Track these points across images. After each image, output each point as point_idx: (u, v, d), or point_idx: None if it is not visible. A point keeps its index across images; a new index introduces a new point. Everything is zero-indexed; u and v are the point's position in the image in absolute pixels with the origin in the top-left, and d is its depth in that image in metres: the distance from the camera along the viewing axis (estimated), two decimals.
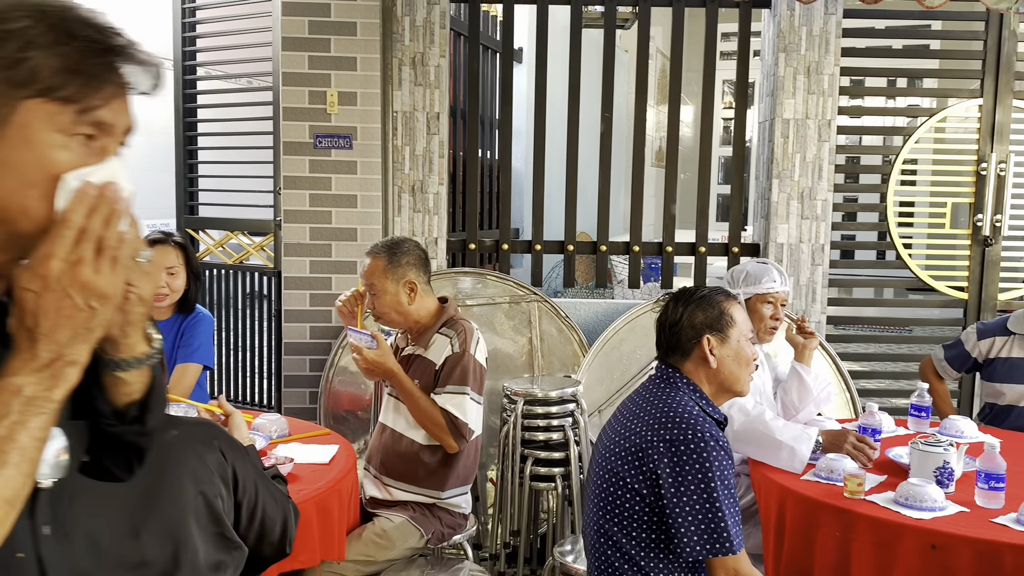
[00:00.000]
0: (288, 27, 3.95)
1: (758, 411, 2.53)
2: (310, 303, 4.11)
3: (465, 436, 2.59)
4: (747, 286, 2.87)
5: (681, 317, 2.02)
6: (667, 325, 2.04)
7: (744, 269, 2.92)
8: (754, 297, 2.86)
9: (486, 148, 5.39)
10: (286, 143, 4.03)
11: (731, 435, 2.51)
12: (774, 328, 2.88)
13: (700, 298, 2.04)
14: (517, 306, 3.99)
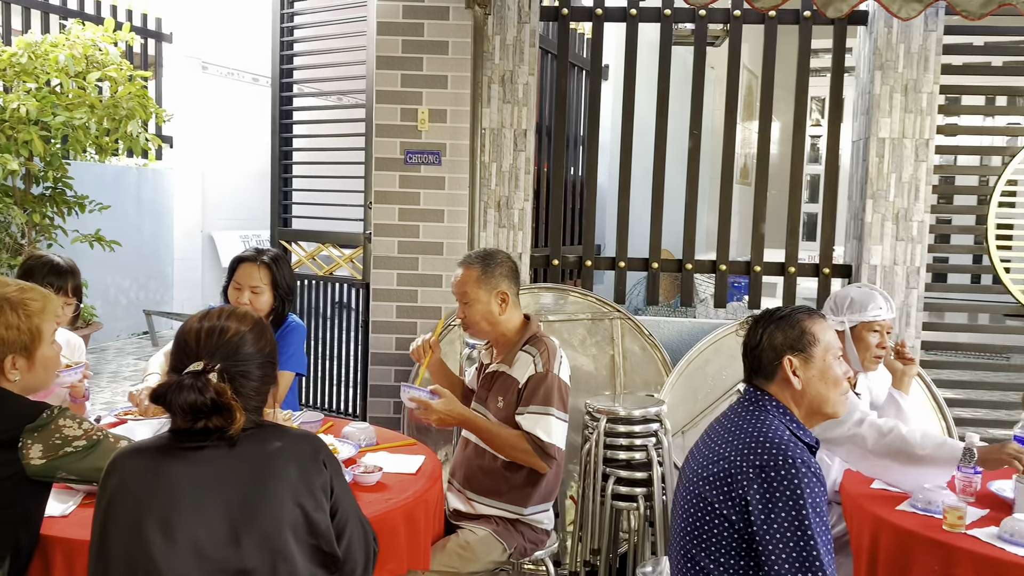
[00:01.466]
0: (382, 46, 4.05)
1: (891, 425, 2.44)
2: (397, 315, 4.19)
3: (552, 456, 2.59)
4: (852, 313, 2.79)
5: (761, 338, 1.99)
6: (749, 347, 2.02)
7: (848, 295, 2.84)
8: (860, 325, 2.78)
9: (569, 164, 5.41)
10: (378, 159, 4.13)
11: (857, 456, 2.44)
12: (879, 357, 2.80)
13: (780, 318, 2.01)
14: (599, 323, 3.98)
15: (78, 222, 6.13)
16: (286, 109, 4.88)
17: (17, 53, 5.49)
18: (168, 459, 1.60)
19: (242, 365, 1.66)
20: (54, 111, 5.44)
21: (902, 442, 2.39)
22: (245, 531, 1.56)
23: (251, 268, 2.96)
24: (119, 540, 1.56)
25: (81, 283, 2.87)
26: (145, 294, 8.34)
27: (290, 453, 1.65)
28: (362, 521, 1.78)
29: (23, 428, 1.73)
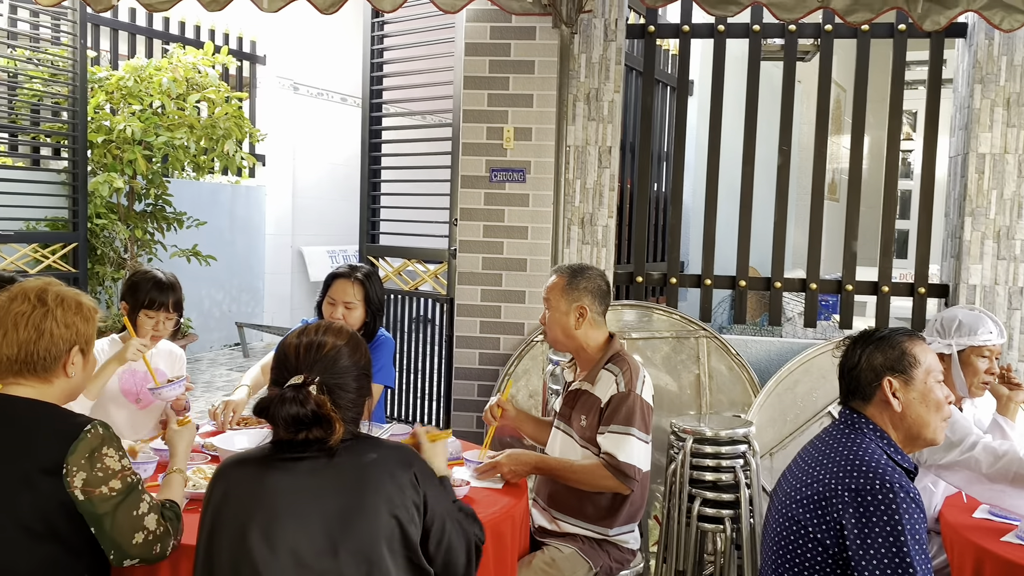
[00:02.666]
0: (470, 67, 4.13)
1: (1005, 448, 2.34)
2: (480, 330, 4.24)
3: (632, 476, 2.55)
4: (960, 336, 2.69)
5: (860, 359, 1.94)
6: (847, 368, 1.97)
7: (956, 317, 2.73)
8: (968, 349, 2.68)
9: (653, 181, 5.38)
10: (463, 176, 4.19)
11: (971, 480, 2.35)
12: (987, 383, 2.69)
13: (880, 339, 1.96)
14: (684, 341, 3.94)
15: (176, 237, 6.41)
16: (375, 128, 5.00)
17: (124, 77, 5.79)
18: (270, 469, 1.67)
19: (339, 378, 1.72)
20: (157, 132, 5.71)
21: (1020, 465, 2.28)
22: (342, 541, 1.61)
23: (345, 284, 3.04)
24: (224, 547, 1.62)
25: (182, 298, 2.99)
26: (237, 307, 8.63)
27: (385, 465, 1.70)
28: (460, 521, 1.81)
29: (67, 451, 1.72)
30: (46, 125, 5.46)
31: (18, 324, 1.82)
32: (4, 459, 1.73)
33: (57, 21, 5.17)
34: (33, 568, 1.72)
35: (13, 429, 1.78)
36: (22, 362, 1.83)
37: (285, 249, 9.10)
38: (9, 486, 1.71)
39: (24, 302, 1.84)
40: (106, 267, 5.79)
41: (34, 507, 1.71)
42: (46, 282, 1.91)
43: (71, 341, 1.86)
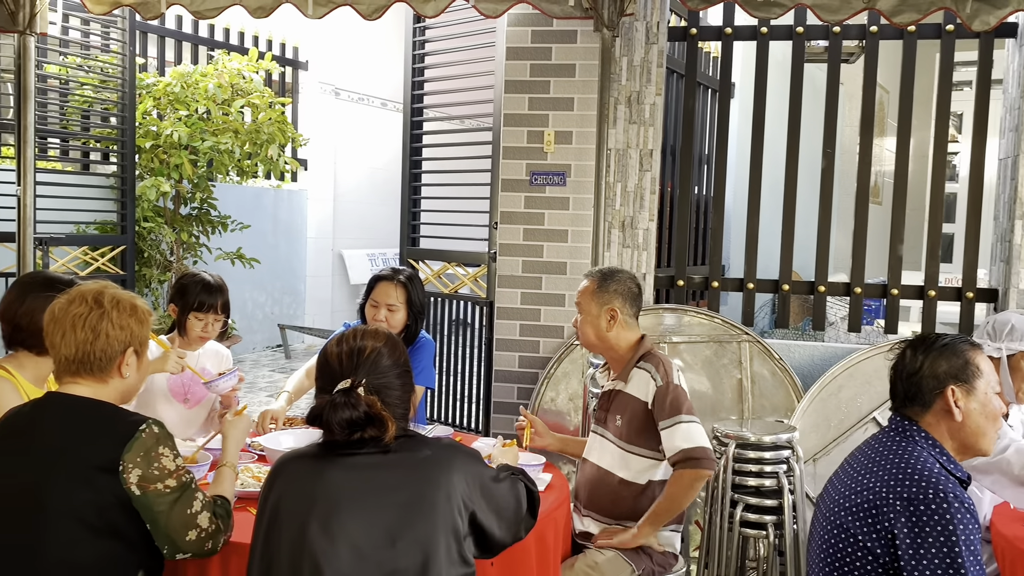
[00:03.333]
0: (511, 71, 4.14)
1: None
2: (520, 333, 4.25)
3: (703, 456, 2.53)
4: (1012, 341, 2.63)
5: (922, 366, 1.90)
6: (905, 374, 1.93)
7: (1008, 321, 2.68)
8: (1019, 354, 2.63)
9: (694, 184, 5.35)
10: (504, 180, 4.21)
11: (1004, 484, 2.31)
12: None
13: (943, 346, 1.91)
14: (726, 346, 3.91)
15: (221, 240, 6.51)
16: (416, 133, 5.05)
17: (171, 83, 5.91)
18: (328, 465, 1.72)
19: (383, 378, 1.78)
20: (202, 136, 5.82)
21: None
22: (400, 533, 1.66)
23: (388, 287, 3.08)
24: (284, 539, 1.67)
25: (229, 300, 3.04)
26: (280, 309, 8.74)
27: (439, 461, 1.75)
28: (516, 501, 1.89)
29: (123, 449, 1.77)
30: (96, 131, 5.59)
31: (76, 325, 1.87)
32: (64, 456, 1.78)
33: (107, 29, 5.29)
34: (92, 562, 1.77)
35: (72, 427, 1.83)
36: (79, 362, 1.88)
37: (326, 252, 9.20)
38: (69, 483, 1.76)
39: (82, 304, 1.89)
40: (153, 269, 5.91)
41: (93, 503, 1.76)
42: (103, 285, 1.96)
43: (126, 342, 1.91)
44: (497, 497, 1.83)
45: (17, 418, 1.90)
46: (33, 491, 1.77)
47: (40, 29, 3.95)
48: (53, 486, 1.76)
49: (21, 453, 1.82)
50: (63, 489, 1.76)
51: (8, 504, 1.80)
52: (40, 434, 1.83)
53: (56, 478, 1.76)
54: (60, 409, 1.87)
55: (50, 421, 1.85)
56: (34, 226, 4.05)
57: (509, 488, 1.88)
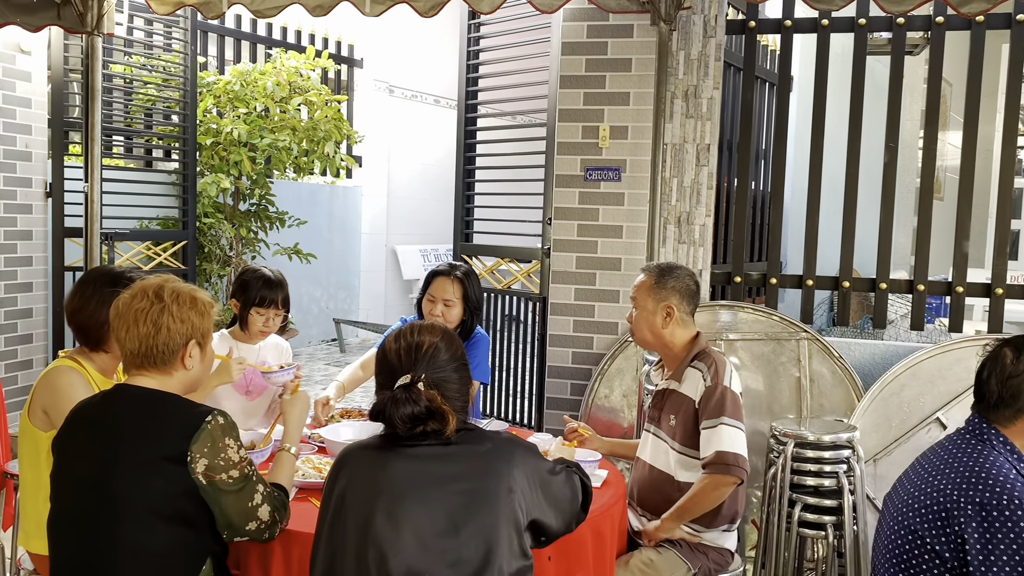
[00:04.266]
0: (566, 66, 4.13)
1: None
2: (573, 329, 4.24)
3: (734, 464, 2.50)
4: None
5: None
6: (1005, 375, 1.84)
7: None
8: None
9: (751, 179, 5.28)
10: (558, 176, 4.20)
11: None
12: None
13: None
14: (785, 343, 3.85)
15: (278, 236, 6.63)
16: (470, 129, 5.06)
17: (231, 81, 6.02)
18: (391, 456, 1.75)
19: (442, 372, 1.81)
20: (261, 134, 5.92)
21: None
22: (463, 523, 1.69)
23: (445, 282, 3.10)
24: (349, 527, 1.70)
25: (289, 295, 3.09)
26: (335, 304, 8.87)
27: (500, 453, 1.78)
28: (572, 493, 1.91)
29: (190, 440, 1.81)
30: (159, 128, 5.73)
31: (138, 320, 1.92)
32: (135, 446, 1.84)
33: (170, 29, 5.42)
34: (163, 549, 1.82)
35: (141, 418, 1.88)
36: (143, 356, 1.93)
37: (380, 248, 9.30)
38: (140, 473, 1.81)
39: (143, 299, 1.94)
40: (213, 264, 6.03)
41: (163, 492, 1.81)
42: (164, 279, 2.00)
43: (187, 335, 1.95)
44: (554, 489, 1.86)
45: (88, 409, 1.96)
46: (105, 480, 1.82)
47: (107, 30, 4.06)
48: (124, 476, 1.81)
49: (93, 443, 1.87)
50: (134, 479, 1.81)
51: (82, 493, 1.86)
52: (111, 425, 1.89)
53: (127, 468, 1.82)
54: (129, 400, 1.92)
55: (120, 412, 1.90)
56: (100, 222, 4.17)
57: (565, 480, 1.90)
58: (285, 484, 2.10)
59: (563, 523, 1.89)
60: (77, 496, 1.87)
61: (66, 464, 1.91)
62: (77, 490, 1.87)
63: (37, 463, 2.35)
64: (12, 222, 4.67)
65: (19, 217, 4.71)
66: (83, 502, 1.85)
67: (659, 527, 2.61)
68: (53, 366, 2.38)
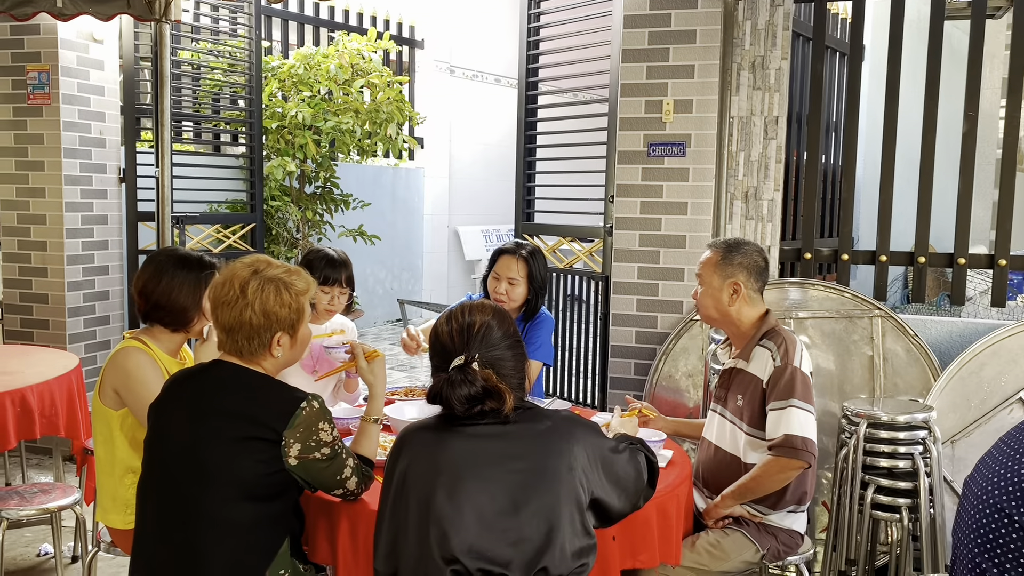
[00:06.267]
0: (628, 39, 4.05)
1: None
2: (637, 308, 4.19)
3: (802, 448, 2.45)
4: None
5: None
6: None
7: None
8: None
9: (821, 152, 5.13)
10: (620, 152, 4.14)
11: None
12: None
13: None
14: (857, 321, 3.74)
15: (343, 218, 6.70)
16: (531, 107, 5.02)
17: (295, 65, 6.09)
18: (450, 435, 1.75)
19: (495, 350, 1.80)
20: (325, 117, 5.98)
21: None
22: (524, 502, 1.68)
23: (510, 260, 3.09)
24: (412, 506, 1.71)
25: (353, 274, 3.12)
26: (399, 284, 8.96)
27: (559, 432, 1.76)
28: (636, 471, 1.88)
29: (285, 425, 1.85)
30: (226, 113, 5.83)
31: (223, 312, 1.96)
32: (228, 422, 1.88)
33: (235, 14, 5.49)
34: (245, 522, 1.87)
35: (237, 396, 1.92)
36: (232, 343, 1.97)
37: (442, 229, 9.35)
38: (232, 447, 1.86)
39: (229, 291, 1.95)
40: (280, 246, 6.14)
41: (251, 469, 1.85)
42: (252, 270, 1.98)
43: (271, 329, 1.96)
44: (617, 468, 1.83)
45: (186, 380, 2.01)
46: (196, 451, 1.87)
47: (174, 17, 4.13)
48: (215, 449, 1.86)
49: (187, 414, 1.92)
50: (224, 453, 1.86)
51: (173, 461, 1.91)
52: (206, 398, 1.93)
53: (218, 442, 1.86)
54: (225, 377, 1.96)
55: (216, 387, 1.95)
56: (171, 206, 4.27)
57: (628, 458, 1.88)
58: (370, 455, 2.14)
59: (628, 502, 1.86)
60: (168, 463, 1.93)
61: (159, 431, 1.97)
62: (168, 458, 1.93)
63: (110, 441, 2.42)
64: (88, 207, 4.82)
65: (95, 202, 4.86)
66: (173, 470, 1.91)
67: (718, 503, 2.57)
68: (120, 347, 2.42)
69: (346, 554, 2.04)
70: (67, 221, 4.69)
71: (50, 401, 3.30)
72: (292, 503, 1.97)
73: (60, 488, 3.15)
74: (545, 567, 1.66)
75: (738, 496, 2.55)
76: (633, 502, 1.88)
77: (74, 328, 4.76)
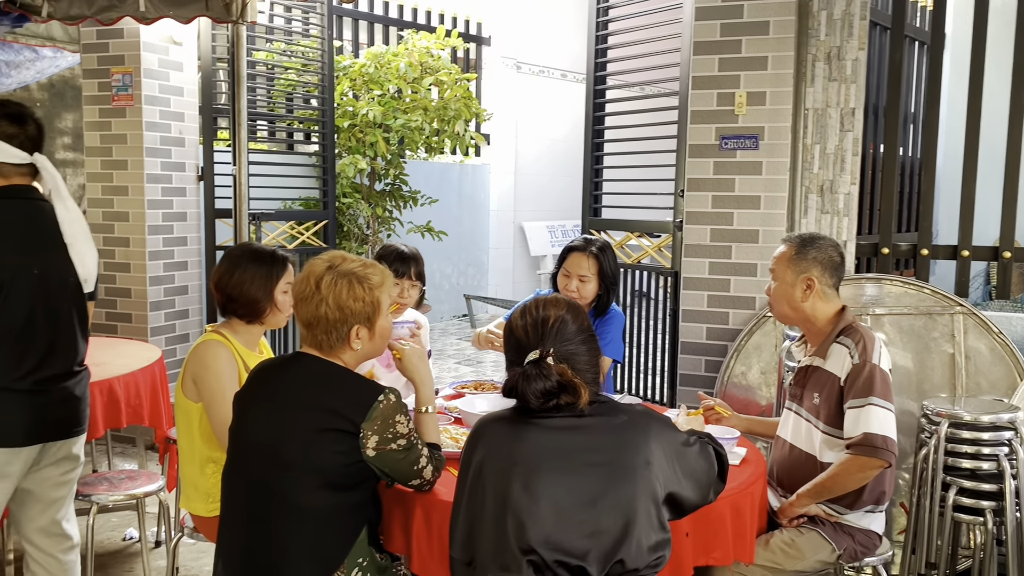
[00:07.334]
0: (700, 31, 4.01)
1: None
2: (708, 304, 4.14)
3: (882, 447, 2.39)
4: None
5: None
6: None
7: None
8: None
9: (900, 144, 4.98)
10: (691, 146, 4.09)
11: None
12: None
13: None
14: (937, 318, 3.63)
15: (411, 214, 6.79)
16: (599, 101, 5.00)
17: (366, 64, 6.19)
18: (526, 428, 1.77)
19: (570, 344, 1.81)
20: (395, 115, 6.06)
21: None
22: (600, 495, 1.69)
23: (580, 257, 3.08)
24: (489, 497, 1.74)
25: (423, 269, 3.17)
26: (464, 280, 9.02)
27: (636, 426, 1.77)
28: (708, 464, 1.89)
29: (363, 418, 1.89)
30: (299, 112, 5.96)
31: (301, 307, 2.01)
32: (308, 413, 1.93)
33: (307, 15, 5.60)
34: (326, 511, 1.92)
35: (317, 388, 1.97)
36: (312, 337, 2.02)
37: (507, 224, 9.38)
38: (313, 438, 1.91)
39: (306, 287, 2.01)
40: (351, 243, 6.25)
41: (332, 460, 1.90)
42: (328, 266, 2.02)
43: (348, 323, 2.00)
44: (690, 460, 1.84)
45: (269, 371, 2.07)
46: (278, 441, 1.93)
47: (250, 18, 4.23)
48: (296, 439, 1.91)
49: (270, 404, 1.98)
50: (305, 443, 1.91)
51: (256, 449, 1.97)
52: (288, 389, 1.99)
53: (300, 433, 1.92)
54: (306, 369, 2.01)
55: (298, 379, 2.00)
56: (248, 203, 4.38)
57: (700, 451, 1.88)
58: (437, 442, 2.18)
59: (699, 495, 1.86)
60: (251, 452, 1.99)
61: (244, 421, 2.03)
62: (251, 446, 1.99)
63: (190, 431, 2.50)
64: (168, 204, 4.98)
65: (175, 200, 5.02)
66: (256, 458, 1.97)
67: (793, 502, 2.53)
68: (201, 340, 2.50)
69: (420, 543, 2.07)
70: (149, 218, 4.86)
71: (135, 391, 3.43)
72: (370, 493, 2.01)
73: (145, 475, 3.27)
74: (622, 559, 1.66)
75: (814, 495, 2.50)
76: (704, 494, 1.88)
77: (155, 321, 4.93)
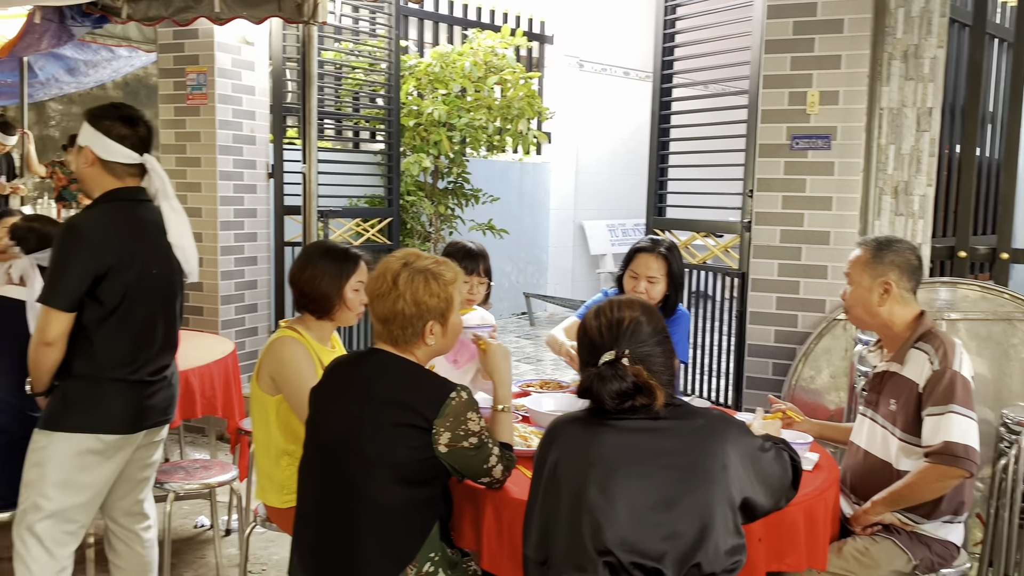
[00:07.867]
0: (771, 30, 3.95)
1: None
2: (776, 306, 4.08)
3: (963, 456, 2.32)
4: None
5: None
6: None
7: None
8: None
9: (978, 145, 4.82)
10: (761, 145, 4.03)
11: None
12: None
13: None
14: (1017, 324, 3.51)
15: (473, 212, 6.83)
16: (665, 100, 4.96)
17: (431, 63, 6.24)
18: (601, 429, 1.77)
19: (645, 346, 1.80)
20: (459, 114, 6.10)
21: None
22: (677, 499, 1.68)
23: (648, 258, 3.06)
24: (564, 497, 1.74)
25: (490, 265, 3.19)
26: (524, 278, 9.04)
27: (713, 431, 1.76)
28: (782, 470, 1.88)
29: (436, 414, 1.92)
30: (365, 111, 6.04)
31: (379, 301, 2.05)
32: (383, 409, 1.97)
33: (374, 15, 5.68)
34: (399, 506, 1.95)
35: (391, 384, 2.01)
36: (388, 333, 2.05)
37: (567, 223, 9.36)
38: (387, 433, 1.94)
39: (382, 283, 2.04)
40: (414, 240, 6.31)
41: (405, 455, 1.94)
42: (403, 263, 2.07)
43: (423, 319, 2.03)
44: (764, 466, 1.83)
45: (345, 366, 2.11)
46: (353, 436, 1.97)
47: (321, 19, 4.30)
48: (371, 434, 1.95)
49: (346, 399, 2.02)
50: (380, 438, 1.94)
51: (332, 443, 2.02)
52: (363, 385, 2.03)
53: (374, 428, 1.95)
54: (381, 365, 2.04)
55: (373, 375, 2.04)
56: (316, 200, 4.46)
57: (775, 457, 1.87)
58: (510, 442, 2.20)
59: (772, 501, 1.85)
60: (327, 446, 2.03)
61: (320, 414, 2.08)
62: (327, 441, 2.03)
63: (266, 424, 2.55)
64: (240, 201, 5.09)
65: (245, 196, 5.13)
66: (332, 452, 2.01)
67: (868, 510, 2.47)
68: (276, 336, 2.55)
69: (491, 540, 2.09)
70: (221, 214, 4.98)
71: (209, 383, 3.52)
72: (442, 489, 2.03)
73: (218, 465, 3.36)
74: (699, 563, 1.65)
75: (890, 503, 2.45)
76: (776, 501, 1.87)
77: (226, 315, 5.05)
